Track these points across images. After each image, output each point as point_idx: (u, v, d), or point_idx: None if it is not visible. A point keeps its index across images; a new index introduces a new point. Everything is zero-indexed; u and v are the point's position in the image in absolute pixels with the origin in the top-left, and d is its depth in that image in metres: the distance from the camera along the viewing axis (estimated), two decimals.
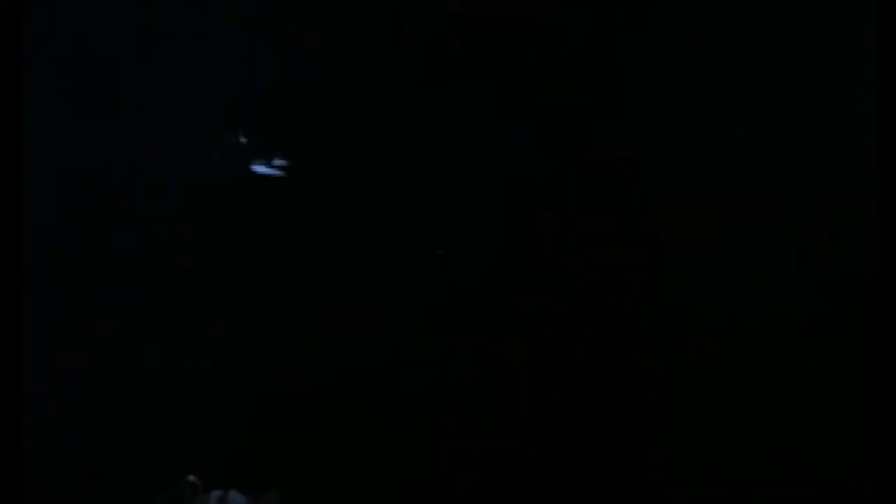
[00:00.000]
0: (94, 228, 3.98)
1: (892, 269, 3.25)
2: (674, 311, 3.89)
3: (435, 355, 3.94)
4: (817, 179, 3.80)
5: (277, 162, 4.01)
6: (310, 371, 3.95)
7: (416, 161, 4.05)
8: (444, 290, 3.99)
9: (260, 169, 4.01)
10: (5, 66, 3.36)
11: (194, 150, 4.01)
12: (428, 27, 4.03)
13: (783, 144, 3.85)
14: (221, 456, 3.84)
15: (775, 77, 3.88)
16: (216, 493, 3.72)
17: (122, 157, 4.00)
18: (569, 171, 4.00)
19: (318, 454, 3.92)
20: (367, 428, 3.94)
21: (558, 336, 3.93)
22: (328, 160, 4.08)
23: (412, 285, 4.00)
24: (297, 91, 4.07)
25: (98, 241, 3.97)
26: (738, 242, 3.87)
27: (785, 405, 3.78)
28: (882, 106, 3.35)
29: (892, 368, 3.22)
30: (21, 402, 3.24)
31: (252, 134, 4.01)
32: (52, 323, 3.87)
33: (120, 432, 3.86)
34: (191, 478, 3.70)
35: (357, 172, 4.08)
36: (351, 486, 3.90)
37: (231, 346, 3.94)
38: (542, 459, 3.87)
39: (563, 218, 3.99)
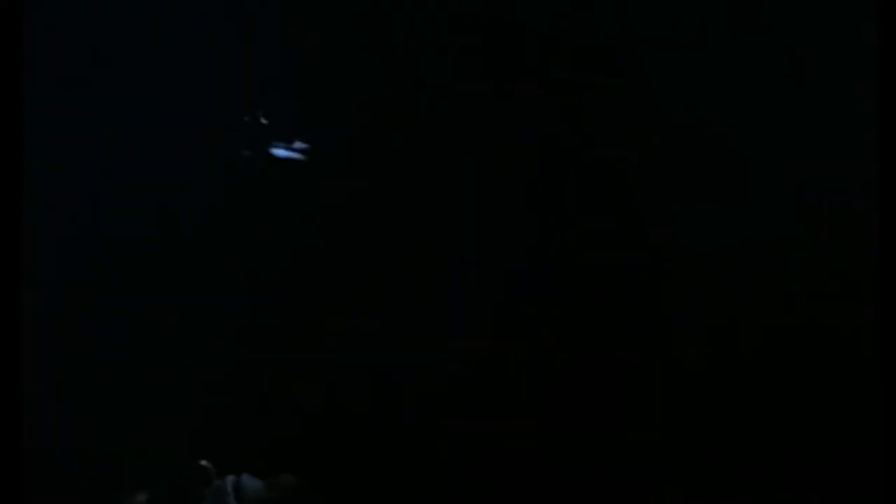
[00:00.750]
0: (94, 228, 3.98)
1: (892, 269, 3.25)
2: (674, 311, 3.90)
3: (438, 351, 3.95)
4: (817, 179, 3.81)
5: (298, 145, 3.99)
6: (320, 359, 3.98)
7: (415, 161, 4.06)
8: (444, 290, 4.00)
9: (280, 152, 4.00)
10: (5, 66, 3.36)
11: (194, 148, 4.02)
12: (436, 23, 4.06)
13: (783, 144, 3.86)
14: (234, 441, 3.85)
15: (775, 77, 3.88)
16: (229, 478, 3.73)
17: (122, 157, 4.01)
18: (569, 172, 4.01)
19: (330, 440, 3.94)
20: (378, 414, 3.96)
21: (558, 336, 3.94)
22: (330, 161, 4.09)
23: (413, 285, 4.01)
24: (296, 90, 4.08)
25: (98, 240, 3.98)
26: (738, 242, 3.87)
27: (784, 405, 3.79)
28: (882, 106, 3.35)
29: (893, 368, 3.22)
30: (21, 402, 3.24)
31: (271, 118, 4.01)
32: (52, 322, 3.88)
33: (127, 424, 3.87)
34: (203, 463, 3.70)
35: (357, 173, 4.09)
36: (361, 471, 3.91)
37: (242, 336, 3.96)
38: (542, 459, 3.87)
39: (564, 218, 4.00)
